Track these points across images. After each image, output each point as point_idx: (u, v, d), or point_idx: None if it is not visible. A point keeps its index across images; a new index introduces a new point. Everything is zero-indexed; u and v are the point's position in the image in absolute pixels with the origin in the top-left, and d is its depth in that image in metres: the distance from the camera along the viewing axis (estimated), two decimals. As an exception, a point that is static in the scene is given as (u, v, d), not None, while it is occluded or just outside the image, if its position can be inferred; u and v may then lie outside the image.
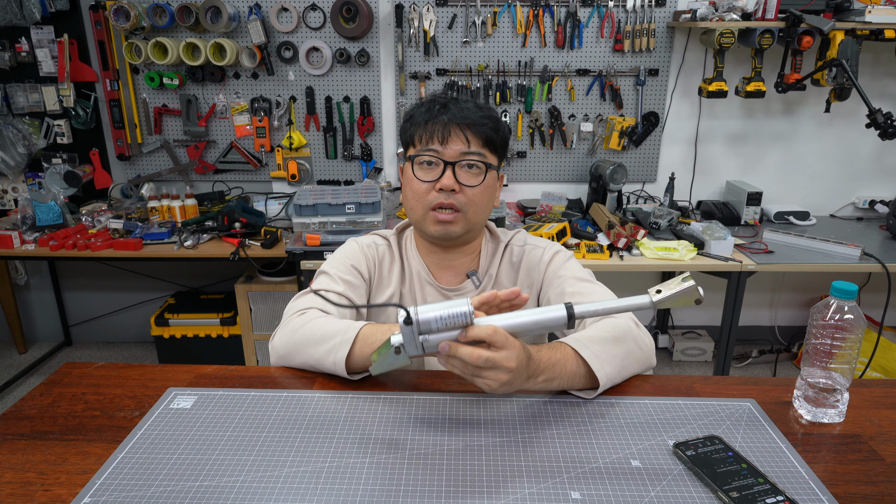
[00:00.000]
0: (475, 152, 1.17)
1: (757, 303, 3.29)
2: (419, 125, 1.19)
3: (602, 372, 0.98)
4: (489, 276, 1.29)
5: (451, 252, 1.27)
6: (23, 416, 0.97)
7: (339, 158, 3.00)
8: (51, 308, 3.33)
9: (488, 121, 1.18)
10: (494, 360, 0.84)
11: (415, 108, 1.22)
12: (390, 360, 0.87)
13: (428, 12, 2.76)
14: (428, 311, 0.84)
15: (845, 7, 2.52)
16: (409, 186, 1.21)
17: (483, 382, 0.86)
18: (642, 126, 2.92)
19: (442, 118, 1.16)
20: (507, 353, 0.84)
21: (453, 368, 0.86)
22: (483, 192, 1.19)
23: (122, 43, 2.76)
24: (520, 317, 0.87)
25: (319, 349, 1.05)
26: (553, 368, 0.95)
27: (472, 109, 1.18)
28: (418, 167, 1.19)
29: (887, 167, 3.03)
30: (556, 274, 1.26)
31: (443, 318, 0.83)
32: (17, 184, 3.00)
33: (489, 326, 0.84)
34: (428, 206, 1.18)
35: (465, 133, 1.16)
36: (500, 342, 0.84)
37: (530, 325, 0.87)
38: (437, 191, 1.16)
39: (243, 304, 2.71)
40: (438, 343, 0.84)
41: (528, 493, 0.80)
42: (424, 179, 1.18)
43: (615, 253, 2.43)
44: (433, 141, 1.16)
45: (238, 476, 0.83)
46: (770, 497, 0.76)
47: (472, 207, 1.19)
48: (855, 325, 0.89)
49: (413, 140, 1.20)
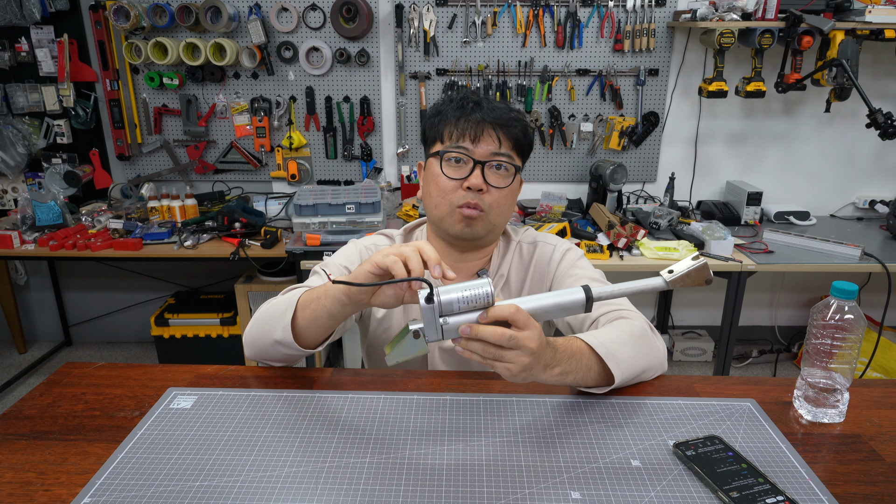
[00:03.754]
0: (505, 153, 1.15)
1: (757, 303, 3.29)
2: (450, 121, 1.16)
3: (618, 370, 0.97)
4: (500, 275, 1.27)
5: (465, 253, 1.25)
6: (23, 416, 0.97)
7: (339, 158, 3.00)
8: (51, 308, 3.33)
9: (518, 123, 1.17)
10: (518, 339, 0.81)
11: (443, 103, 1.20)
12: (408, 348, 0.85)
13: (428, 12, 2.76)
14: (449, 291, 0.82)
15: (845, 7, 2.52)
16: (434, 183, 1.17)
17: (504, 367, 0.84)
18: (642, 126, 2.92)
19: (475, 116, 1.14)
20: (529, 333, 0.83)
21: (472, 354, 0.84)
22: (508, 194, 1.18)
23: (122, 43, 2.76)
24: (539, 299, 0.86)
25: (271, 323, 1.04)
26: (570, 361, 0.93)
27: (504, 109, 1.16)
28: (446, 164, 1.16)
29: (887, 167, 3.03)
30: (567, 272, 1.24)
31: (465, 298, 0.82)
32: (17, 184, 3.00)
33: (511, 305, 0.83)
34: (454, 204, 1.15)
35: (497, 133, 1.14)
36: (522, 321, 0.82)
37: (550, 308, 0.86)
38: (464, 189, 1.14)
39: (243, 304, 2.71)
40: (458, 326, 0.82)
41: (528, 493, 0.79)
42: (453, 177, 1.15)
43: (615, 253, 2.43)
44: (464, 138, 1.14)
45: (238, 476, 0.83)
46: (770, 497, 0.76)
47: (496, 209, 1.17)
48: (855, 325, 0.89)
49: (442, 136, 1.17)
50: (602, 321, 1.12)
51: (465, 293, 0.82)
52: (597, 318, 1.14)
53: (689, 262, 0.86)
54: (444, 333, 0.83)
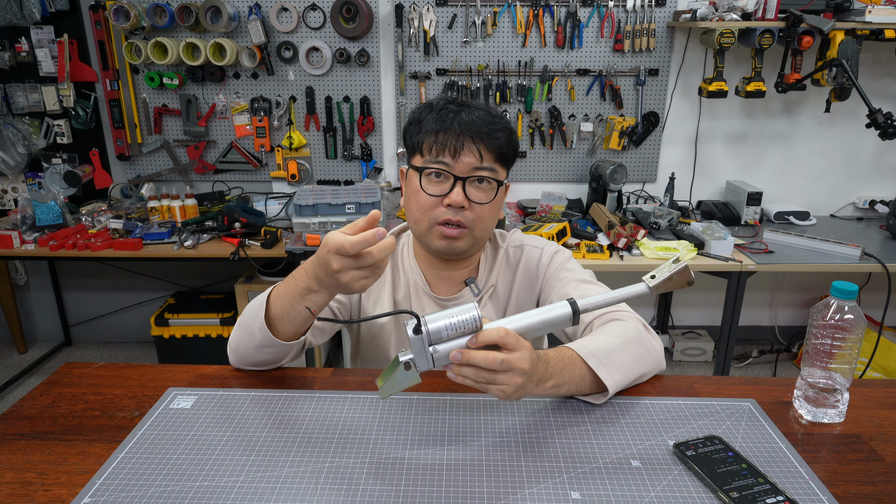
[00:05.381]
0: (487, 167, 1.11)
1: (757, 303, 3.29)
2: (429, 133, 1.11)
3: (610, 379, 0.96)
4: (489, 285, 1.25)
5: (451, 263, 1.23)
6: (23, 416, 0.96)
7: (339, 158, 3.00)
8: (51, 308, 3.33)
9: (502, 133, 1.12)
10: (509, 362, 0.82)
11: (422, 110, 1.15)
12: (400, 380, 0.84)
13: (428, 12, 2.76)
14: (436, 319, 0.82)
15: (845, 7, 2.52)
16: (414, 198, 1.14)
17: (497, 389, 0.84)
18: (642, 126, 2.92)
19: (454, 128, 1.09)
20: (520, 354, 0.83)
21: (465, 380, 0.84)
22: (492, 208, 1.14)
23: (122, 43, 2.76)
24: (527, 318, 0.86)
25: (249, 326, 1.02)
26: (561, 373, 0.93)
27: (485, 119, 1.11)
28: (426, 179, 1.12)
29: (887, 167, 3.03)
30: (556, 276, 1.23)
31: (453, 325, 0.82)
32: (17, 184, 3.00)
33: (500, 329, 0.83)
34: (434, 220, 1.12)
35: (477, 146, 1.10)
36: (512, 343, 0.83)
37: (538, 325, 0.86)
38: (444, 206, 1.10)
39: (243, 304, 2.70)
40: (448, 353, 0.82)
41: (528, 493, 0.79)
42: (432, 193, 1.11)
43: (615, 253, 2.43)
44: (444, 153, 1.09)
45: (238, 476, 0.83)
46: (770, 497, 0.76)
47: (480, 224, 1.13)
48: (855, 325, 0.89)
49: (421, 149, 1.13)
50: (596, 324, 1.11)
51: (453, 320, 0.82)
52: (591, 322, 1.13)
53: (671, 266, 0.87)
54: (434, 362, 0.83)
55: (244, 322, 1.04)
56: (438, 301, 1.24)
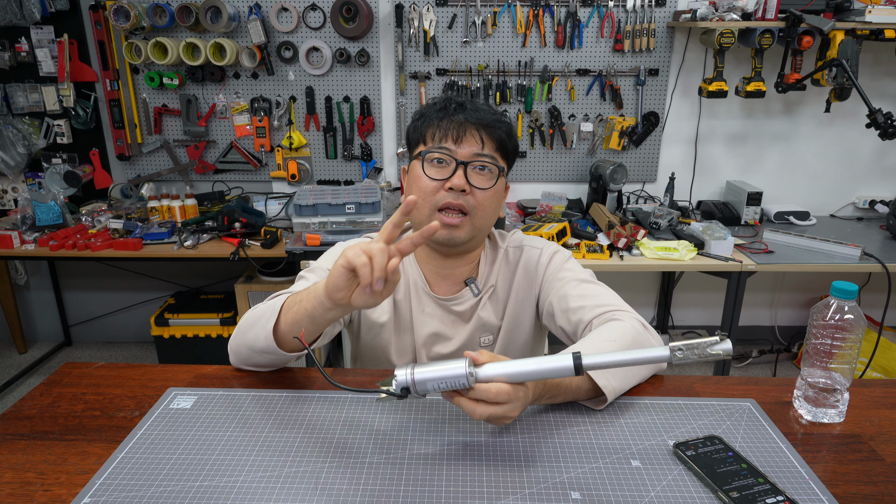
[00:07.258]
0: (488, 154, 1.14)
1: (757, 303, 3.29)
2: (432, 122, 1.16)
3: (609, 386, 0.96)
4: (489, 286, 1.25)
5: (450, 260, 1.23)
6: (23, 416, 0.97)
7: (339, 158, 3.00)
8: (51, 308, 3.33)
9: (503, 125, 1.17)
10: (496, 415, 0.84)
11: (427, 106, 1.20)
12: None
13: (428, 12, 2.76)
14: (424, 372, 0.82)
15: (845, 7, 2.52)
16: (415, 184, 1.16)
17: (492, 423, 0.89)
18: (642, 126, 2.92)
19: (458, 117, 1.14)
20: (510, 406, 0.84)
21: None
22: (492, 196, 1.16)
23: (122, 43, 2.76)
24: (525, 365, 0.85)
25: (255, 331, 1.01)
26: (557, 387, 0.94)
27: (487, 111, 1.16)
28: (428, 164, 1.15)
29: (887, 167, 3.03)
30: (555, 276, 1.23)
31: (442, 378, 0.82)
32: (17, 184, 3.00)
33: (491, 386, 0.82)
34: (435, 205, 1.13)
35: (480, 134, 1.14)
36: (503, 399, 0.83)
37: (534, 375, 0.85)
38: (446, 190, 1.12)
39: (243, 305, 2.71)
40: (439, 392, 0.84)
41: (528, 493, 0.79)
42: (434, 177, 1.14)
43: (615, 253, 2.43)
44: (447, 139, 1.13)
45: (238, 476, 0.83)
46: (770, 497, 0.76)
47: (480, 211, 1.15)
48: (855, 325, 0.89)
49: (424, 137, 1.17)
50: (595, 323, 1.11)
51: (442, 374, 0.82)
52: (590, 321, 1.13)
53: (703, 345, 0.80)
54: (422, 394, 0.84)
55: (249, 327, 1.04)
56: (438, 301, 1.24)
